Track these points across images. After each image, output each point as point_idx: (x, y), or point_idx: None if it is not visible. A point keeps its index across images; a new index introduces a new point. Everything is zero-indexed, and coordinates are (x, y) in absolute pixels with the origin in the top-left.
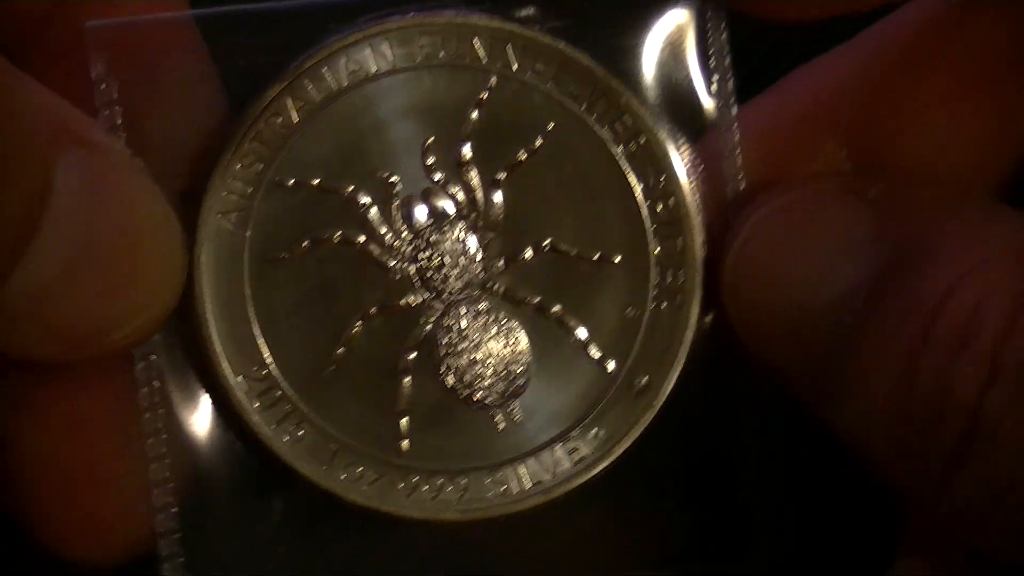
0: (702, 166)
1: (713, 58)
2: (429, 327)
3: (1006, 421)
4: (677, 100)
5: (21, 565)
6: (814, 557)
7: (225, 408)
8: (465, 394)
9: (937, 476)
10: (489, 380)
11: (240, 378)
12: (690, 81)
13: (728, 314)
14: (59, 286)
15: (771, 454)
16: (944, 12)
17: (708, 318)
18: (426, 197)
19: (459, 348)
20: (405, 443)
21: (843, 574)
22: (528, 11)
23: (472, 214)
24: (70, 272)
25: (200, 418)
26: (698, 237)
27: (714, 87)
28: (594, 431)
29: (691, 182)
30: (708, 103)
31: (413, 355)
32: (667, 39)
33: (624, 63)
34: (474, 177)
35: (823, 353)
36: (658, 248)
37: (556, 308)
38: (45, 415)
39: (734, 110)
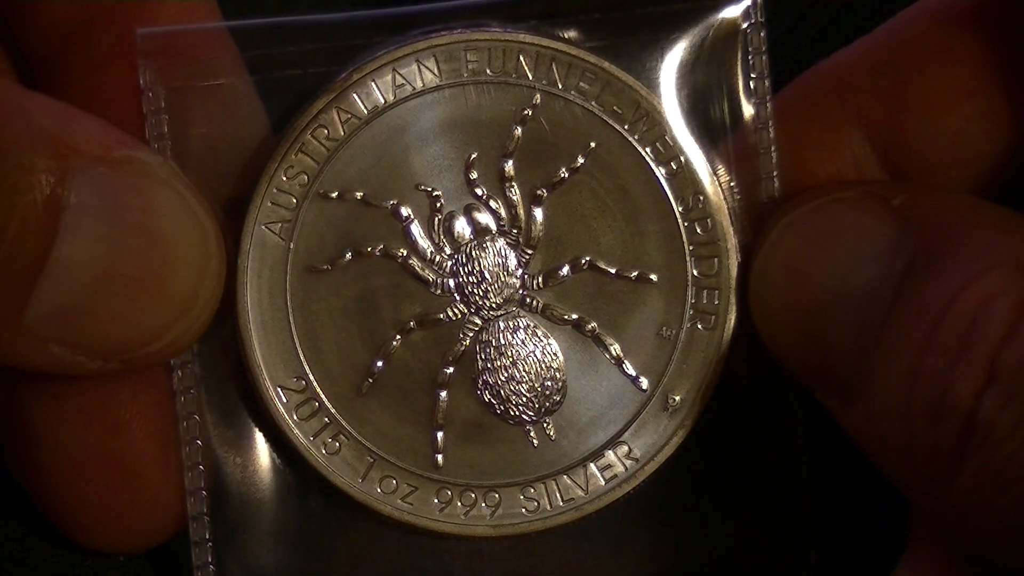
0: (736, 187)
1: (752, 79)
2: (467, 342)
3: (1001, 424)
4: (716, 121)
5: (41, 553)
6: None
7: (262, 418)
8: (501, 410)
9: (937, 478)
10: (525, 396)
11: (279, 389)
12: (730, 102)
13: (752, 314)
14: (85, 304)
15: (803, 471)
16: (963, 4)
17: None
18: (468, 212)
19: (496, 364)
20: (440, 458)
21: None
22: (571, 30)
23: (513, 230)
24: (95, 289)
25: (236, 428)
26: (734, 258)
27: (753, 109)
28: (627, 448)
29: (728, 204)
30: (748, 123)
31: (450, 370)
32: (707, 60)
33: (664, 82)
34: (516, 193)
35: (841, 353)
36: (695, 268)
37: (592, 325)
38: (79, 411)
39: (772, 132)
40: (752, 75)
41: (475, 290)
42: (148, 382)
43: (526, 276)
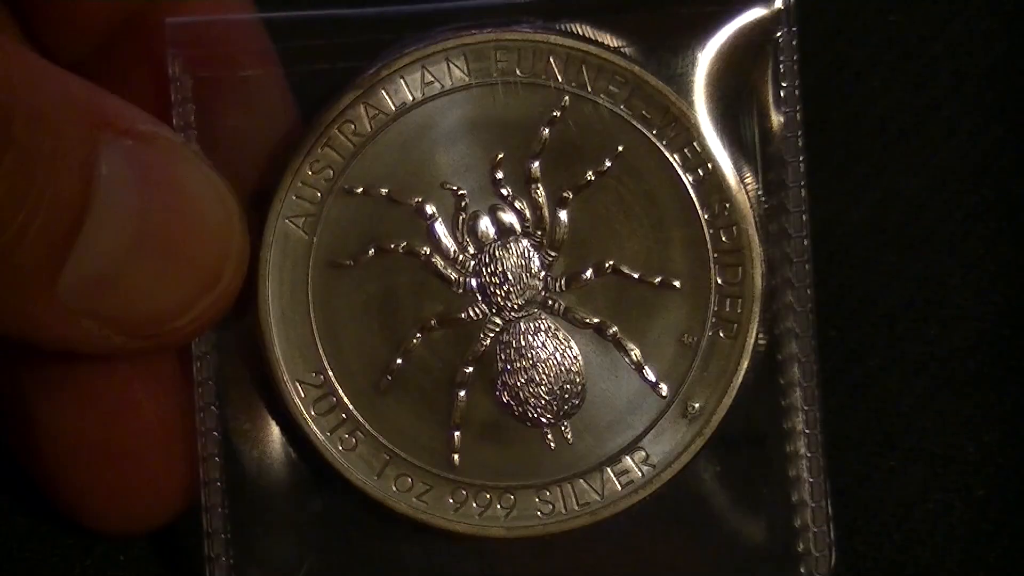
0: (764, 195)
1: (783, 87)
2: (487, 342)
3: None
4: (745, 128)
5: (41, 553)
6: None
7: (279, 412)
8: (519, 411)
9: None
10: (544, 398)
11: (297, 383)
12: (759, 109)
13: None
14: (114, 275)
15: (821, 480)
16: None
17: (763, 347)
18: (493, 212)
19: (516, 365)
20: (456, 457)
21: None
22: (602, 33)
23: (537, 232)
24: (124, 260)
25: (253, 420)
26: (759, 267)
27: (782, 118)
28: (645, 454)
29: (755, 213)
30: (777, 131)
31: (470, 369)
32: (738, 66)
33: (694, 88)
34: (541, 195)
35: None
36: (719, 276)
37: (614, 330)
38: (78, 399)
39: (800, 141)
40: (783, 83)
41: (497, 290)
42: (146, 369)
43: (549, 278)
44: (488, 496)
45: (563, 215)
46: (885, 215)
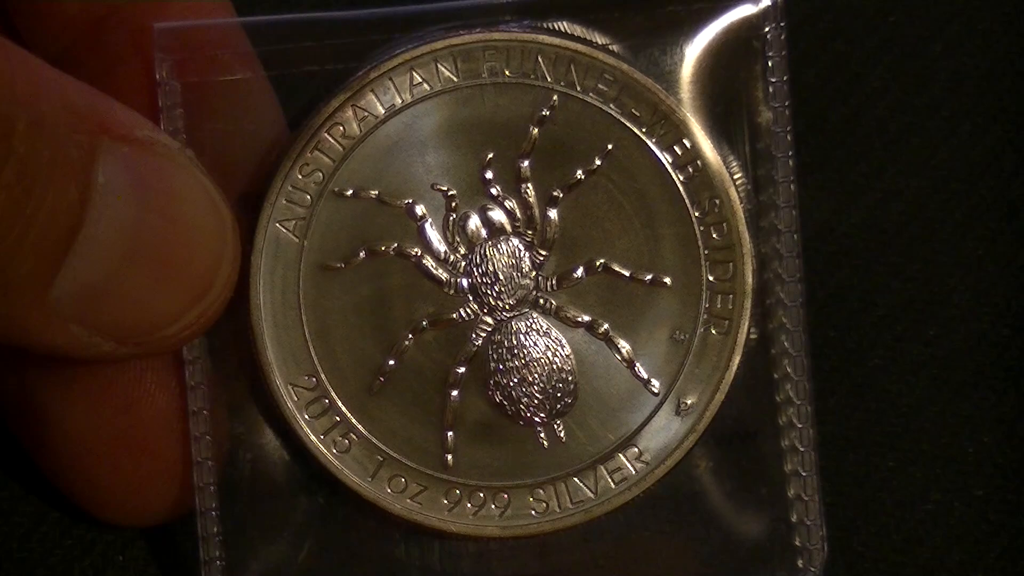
0: (754, 191)
1: (772, 83)
2: (479, 342)
3: None
4: (735, 125)
5: (40, 553)
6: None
7: (272, 415)
8: (512, 410)
9: None
10: (537, 397)
11: (290, 386)
12: (748, 106)
13: None
14: (107, 284)
15: (813, 475)
16: None
17: (754, 342)
18: (483, 212)
19: (508, 364)
20: (450, 457)
21: None
22: (591, 31)
23: (528, 231)
24: (118, 269)
25: (246, 424)
26: (749, 264)
27: (771, 114)
28: (638, 451)
29: (745, 209)
30: (766, 127)
31: (462, 370)
32: (727, 63)
33: (683, 85)
34: (531, 194)
35: None
36: (710, 273)
37: (605, 327)
38: (88, 393)
39: (790, 136)
40: (772, 78)
41: (488, 290)
42: (157, 359)
43: (540, 277)
44: (482, 496)
45: (553, 214)
46: (885, 215)
